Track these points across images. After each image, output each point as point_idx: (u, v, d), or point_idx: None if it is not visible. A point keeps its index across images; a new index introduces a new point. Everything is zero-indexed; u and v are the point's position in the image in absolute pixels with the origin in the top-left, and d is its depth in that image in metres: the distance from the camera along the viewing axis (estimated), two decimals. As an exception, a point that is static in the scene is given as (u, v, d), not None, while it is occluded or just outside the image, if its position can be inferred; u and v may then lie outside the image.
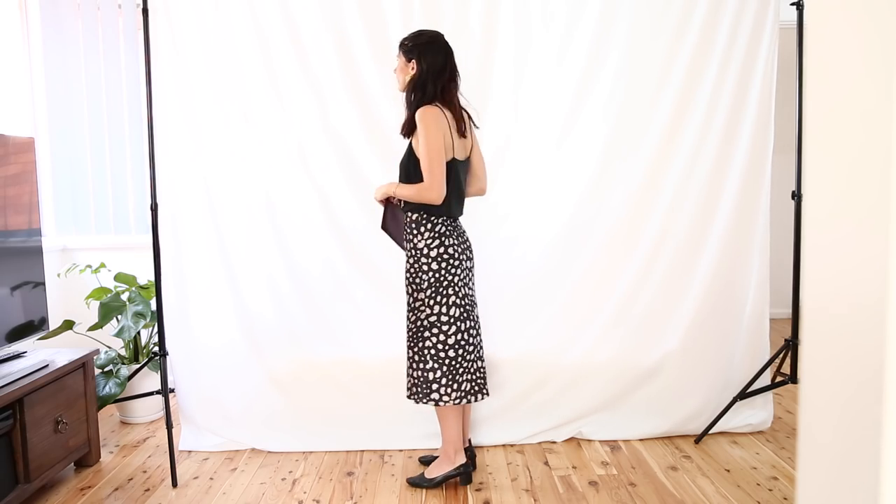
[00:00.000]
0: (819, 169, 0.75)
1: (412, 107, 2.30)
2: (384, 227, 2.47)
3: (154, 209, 2.51)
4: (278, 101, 2.77)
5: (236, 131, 2.77)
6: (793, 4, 2.65)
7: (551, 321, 2.85)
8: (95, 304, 3.15)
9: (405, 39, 2.33)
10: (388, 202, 2.44)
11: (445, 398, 2.32)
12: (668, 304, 2.82)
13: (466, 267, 2.38)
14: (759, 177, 2.76)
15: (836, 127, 0.73)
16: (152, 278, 3.07)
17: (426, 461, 2.56)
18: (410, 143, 2.32)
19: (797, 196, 2.67)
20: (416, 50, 2.28)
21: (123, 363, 3.04)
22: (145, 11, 2.50)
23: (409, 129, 2.32)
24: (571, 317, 2.86)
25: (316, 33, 2.74)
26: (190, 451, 2.78)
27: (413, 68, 2.29)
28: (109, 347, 3.12)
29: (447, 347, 2.31)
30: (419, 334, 2.35)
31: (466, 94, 2.75)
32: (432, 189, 2.22)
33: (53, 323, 3.00)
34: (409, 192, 2.29)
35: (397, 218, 2.43)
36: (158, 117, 2.62)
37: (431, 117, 2.23)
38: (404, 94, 2.35)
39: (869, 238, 0.67)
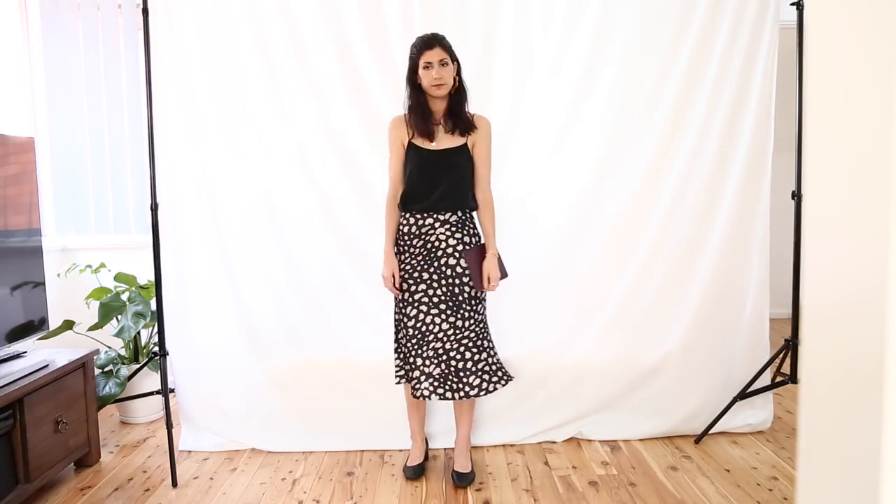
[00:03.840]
0: (819, 169, 0.74)
1: (465, 106, 2.37)
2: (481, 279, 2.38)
3: (154, 209, 2.51)
4: (278, 100, 2.77)
5: (236, 131, 2.77)
6: (793, 4, 2.65)
7: (551, 321, 2.85)
8: (95, 304, 3.15)
9: (443, 38, 2.31)
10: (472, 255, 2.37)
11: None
12: (668, 304, 2.82)
13: None
14: (759, 177, 2.76)
15: (836, 127, 0.73)
16: (152, 278, 3.06)
17: (417, 472, 2.52)
18: (466, 144, 2.37)
19: (797, 196, 2.67)
20: (453, 50, 2.34)
21: (123, 363, 3.04)
22: (145, 11, 2.49)
23: (469, 127, 2.36)
24: (572, 316, 2.86)
25: (316, 33, 2.74)
26: (190, 451, 2.78)
27: (454, 68, 2.33)
28: (109, 347, 3.12)
29: None
30: (486, 323, 2.45)
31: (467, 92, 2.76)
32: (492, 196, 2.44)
33: (53, 323, 3.00)
34: (494, 227, 2.42)
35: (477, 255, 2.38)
36: (158, 117, 2.62)
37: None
38: (446, 93, 2.33)
39: (869, 238, 0.67)
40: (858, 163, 0.69)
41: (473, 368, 2.34)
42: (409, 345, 2.40)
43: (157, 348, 2.60)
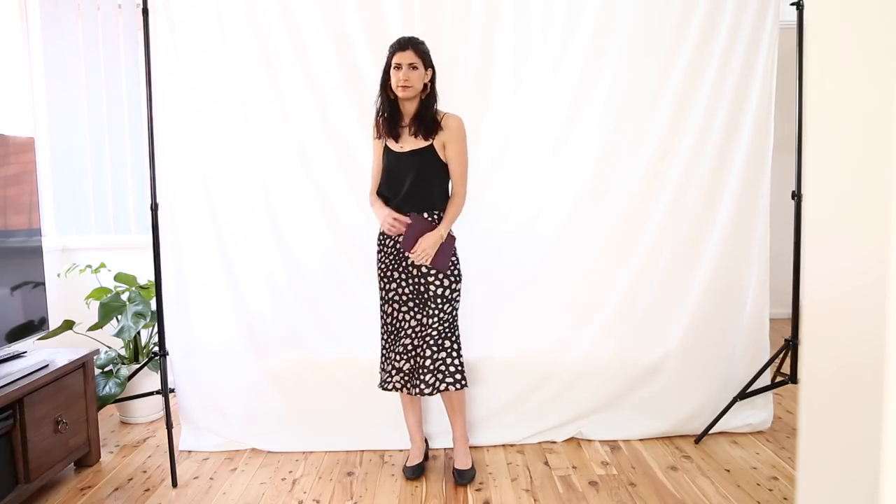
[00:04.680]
0: (819, 169, 0.74)
1: (432, 111, 2.37)
2: (439, 264, 2.36)
3: (154, 209, 2.51)
4: (278, 100, 2.77)
5: (236, 131, 2.77)
6: (793, 4, 2.65)
7: (551, 320, 2.85)
8: (95, 304, 3.15)
9: (420, 43, 2.34)
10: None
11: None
12: (668, 304, 2.82)
13: None
14: (759, 177, 2.76)
15: (835, 127, 0.73)
16: (152, 278, 3.06)
17: (417, 472, 2.52)
18: (432, 145, 2.37)
19: (797, 196, 2.67)
20: (429, 56, 2.36)
21: (123, 363, 3.04)
22: (145, 11, 2.49)
23: (431, 131, 2.36)
24: (571, 316, 2.86)
25: (316, 33, 2.74)
26: (190, 451, 2.78)
27: (427, 74, 2.35)
28: (109, 347, 3.12)
29: None
30: (454, 324, 2.43)
31: (466, 91, 2.76)
32: (465, 196, 2.42)
33: (53, 323, 3.00)
34: (454, 217, 2.40)
35: (445, 246, 2.37)
36: (158, 117, 2.62)
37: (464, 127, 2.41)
38: (413, 96, 2.34)
39: (869, 238, 0.67)
40: (858, 162, 0.69)
41: (431, 367, 2.37)
42: (389, 339, 2.48)
43: (157, 348, 2.60)
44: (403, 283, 2.41)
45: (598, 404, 2.83)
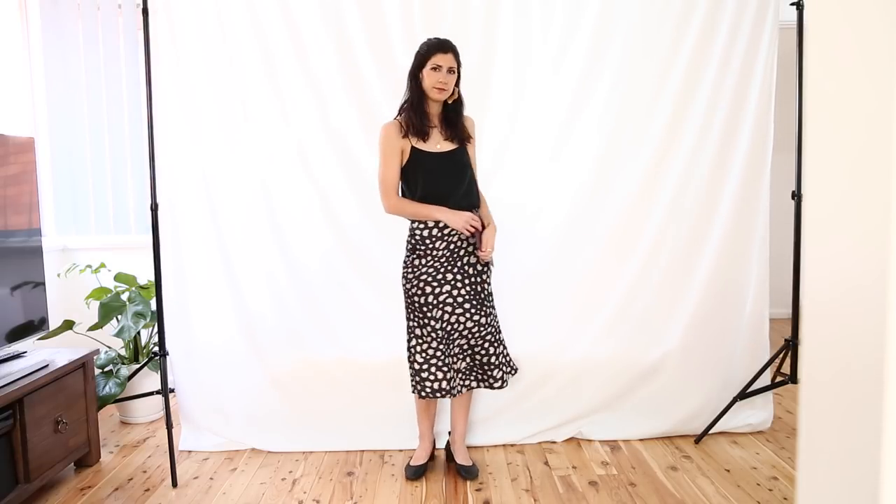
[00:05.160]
0: (819, 169, 0.74)
1: (461, 118, 2.41)
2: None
3: (154, 209, 2.51)
4: (278, 100, 2.77)
5: (236, 131, 2.77)
6: (793, 4, 2.65)
7: (551, 320, 2.85)
8: (95, 304, 3.15)
9: (456, 47, 2.33)
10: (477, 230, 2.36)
11: None
12: (668, 304, 2.82)
13: None
14: (758, 177, 2.76)
15: (836, 127, 0.73)
16: (152, 278, 3.06)
17: (418, 472, 2.50)
18: (464, 146, 2.40)
19: (797, 196, 2.67)
20: (460, 62, 2.37)
21: (123, 363, 3.04)
22: (145, 11, 2.49)
23: (467, 136, 2.42)
24: (572, 316, 2.86)
25: (316, 33, 2.74)
26: (190, 451, 2.78)
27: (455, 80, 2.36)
28: (109, 347, 3.12)
29: None
30: (498, 319, 2.51)
31: (466, 91, 2.75)
32: None
33: (53, 323, 3.00)
34: (487, 206, 2.52)
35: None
36: (158, 117, 2.62)
37: None
38: (445, 101, 2.35)
39: (869, 238, 0.67)
40: (858, 163, 0.69)
41: (496, 362, 2.43)
42: (440, 347, 2.36)
43: (157, 348, 2.60)
44: (459, 284, 2.36)
45: (598, 404, 2.83)
